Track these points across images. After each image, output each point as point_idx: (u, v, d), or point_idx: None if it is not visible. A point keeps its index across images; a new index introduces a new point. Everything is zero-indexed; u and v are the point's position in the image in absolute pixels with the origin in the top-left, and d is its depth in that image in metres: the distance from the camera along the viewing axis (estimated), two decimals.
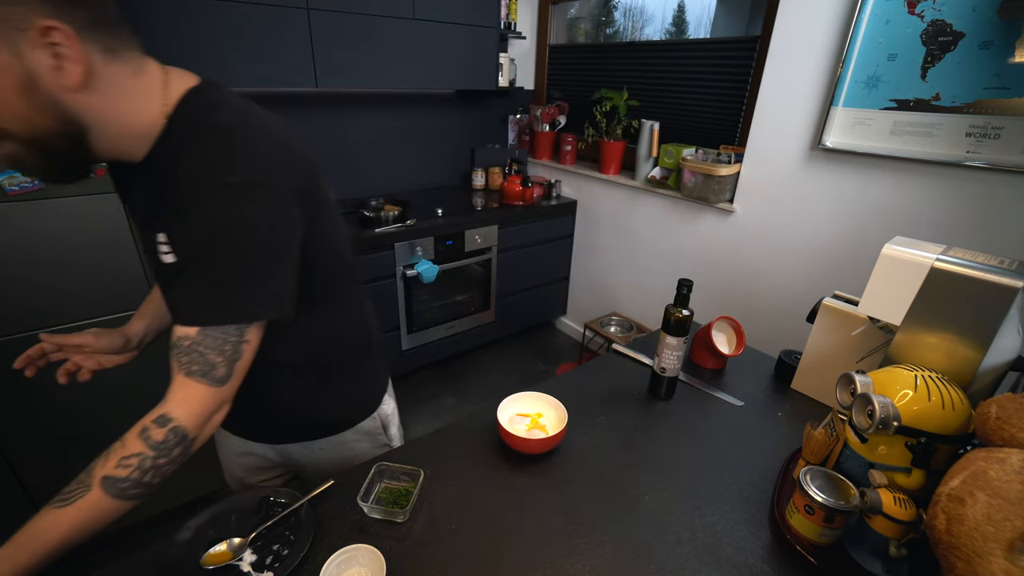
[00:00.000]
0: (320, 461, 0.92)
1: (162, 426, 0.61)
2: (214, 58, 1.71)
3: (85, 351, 0.81)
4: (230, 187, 0.58)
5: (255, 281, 0.62)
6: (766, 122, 1.87)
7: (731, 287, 2.16)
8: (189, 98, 0.64)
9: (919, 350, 0.77)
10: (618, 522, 0.79)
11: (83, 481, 0.60)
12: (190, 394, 0.62)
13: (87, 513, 0.60)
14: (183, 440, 0.62)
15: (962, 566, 0.50)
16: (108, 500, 0.60)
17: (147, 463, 0.60)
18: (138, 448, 0.60)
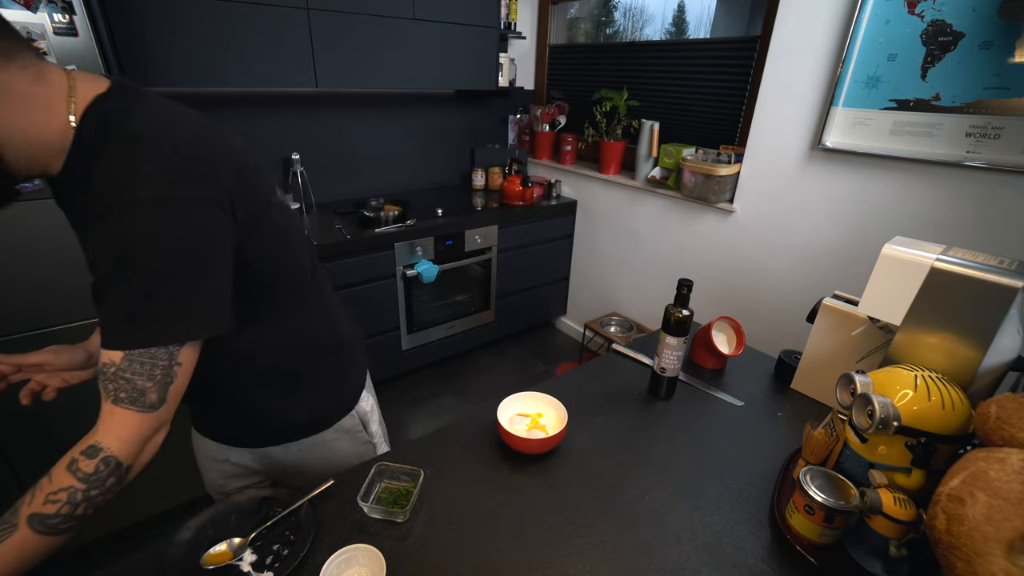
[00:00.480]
0: (301, 462, 0.90)
1: (92, 457, 0.57)
2: (214, 58, 1.71)
3: (46, 369, 0.76)
4: (140, 201, 0.54)
5: (177, 299, 0.58)
6: (766, 122, 1.87)
7: (731, 287, 2.16)
8: (97, 105, 0.58)
9: (919, 350, 0.77)
10: (618, 522, 0.79)
11: (8, 520, 0.56)
12: (120, 422, 0.58)
13: (15, 553, 0.55)
14: (116, 469, 0.58)
15: (962, 566, 0.50)
16: (36, 538, 0.55)
17: (78, 496, 0.56)
18: (67, 482, 0.56)
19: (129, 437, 0.59)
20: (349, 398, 0.94)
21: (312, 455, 0.90)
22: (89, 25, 1.15)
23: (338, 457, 0.92)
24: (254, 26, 1.75)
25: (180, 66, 1.66)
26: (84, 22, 1.14)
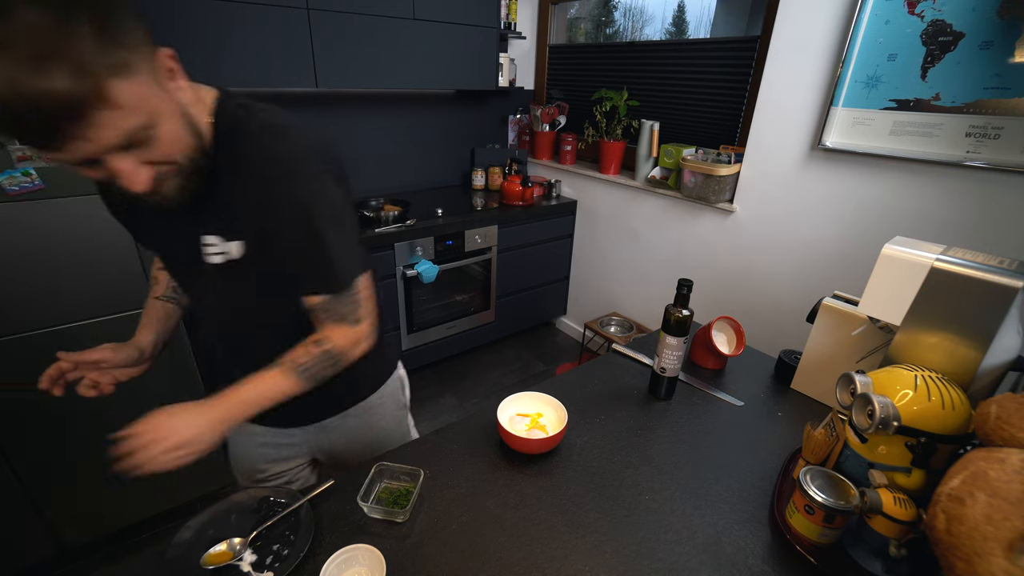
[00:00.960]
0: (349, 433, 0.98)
1: (317, 347, 0.75)
2: (214, 57, 1.71)
3: (102, 367, 0.81)
4: (308, 174, 0.67)
5: (351, 246, 0.74)
6: (766, 122, 1.87)
7: (731, 287, 2.16)
8: (224, 103, 0.67)
9: (919, 350, 0.77)
10: (618, 522, 0.79)
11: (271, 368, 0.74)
12: (337, 333, 0.76)
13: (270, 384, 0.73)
14: (336, 358, 0.76)
15: (962, 566, 0.50)
16: (286, 380, 0.73)
17: (319, 361, 0.75)
18: (304, 352, 0.75)
19: (344, 344, 0.76)
20: (392, 360, 1.05)
21: (360, 424, 0.98)
22: None
23: (382, 423, 1.01)
24: (254, 26, 1.74)
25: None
26: None
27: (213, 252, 0.70)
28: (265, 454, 0.97)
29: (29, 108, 0.47)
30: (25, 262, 1.23)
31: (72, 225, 1.26)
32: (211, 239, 0.70)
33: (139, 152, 0.56)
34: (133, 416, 0.63)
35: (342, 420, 0.96)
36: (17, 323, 1.26)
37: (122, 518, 1.61)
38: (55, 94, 0.46)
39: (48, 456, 1.41)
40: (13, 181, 1.16)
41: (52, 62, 0.46)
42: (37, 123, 0.48)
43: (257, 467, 0.99)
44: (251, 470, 1.00)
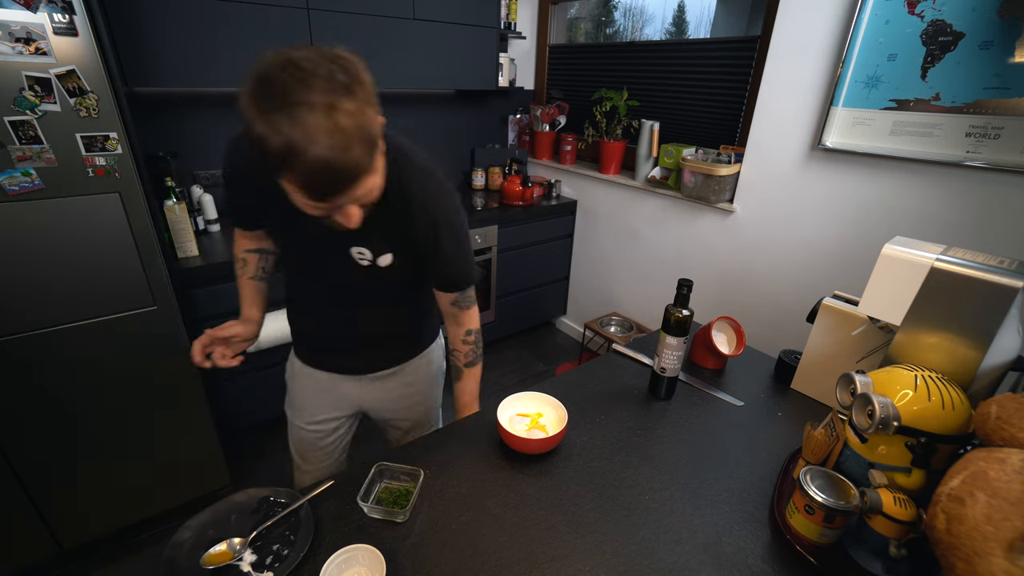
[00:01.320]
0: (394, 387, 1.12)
1: (469, 336, 1.04)
2: (214, 58, 1.70)
3: (232, 343, 0.98)
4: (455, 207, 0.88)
5: (473, 257, 0.98)
6: (766, 122, 1.87)
7: (731, 287, 2.16)
8: (389, 140, 0.79)
9: (919, 350, 0.77)
10: (618, 522, 0.79)
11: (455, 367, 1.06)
12: (469, 316, 1.02)
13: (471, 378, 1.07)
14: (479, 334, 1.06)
15: (962, 566, 0.50)
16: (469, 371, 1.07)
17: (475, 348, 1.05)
18: (465, 348, 1.04)
19: (478, 322, 1.05)
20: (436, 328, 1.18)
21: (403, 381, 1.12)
22: (89, 25, 1.15)
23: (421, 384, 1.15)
24: (254, 26, 1.74)
25: (180, 66, 1.66)
26: (84, 22, 1.14)
27: (361, 258, 0.88)
28: (322, 399, 1.11)
29: (337, 174, 0.60)
30: (25, 262, 1.23)
31: (72, 225, 1.26)
32: (363, 250, 0.87)
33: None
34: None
35: (391, 375, 1.10)
36: (17, 323, 1.26)
37: (122, 518, 1.61)
38: (357, 165, 0.61)
39: (48, 456, 1.41)
40: (13, 181, 1.16)
41: (359, 140, 0.60)
42: (333, 184, 0.62)
43: (312, 410, 1.12)
44: (306, 412, 1.13)
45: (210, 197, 1.94)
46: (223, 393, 1.90)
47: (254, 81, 0.58)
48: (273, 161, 0.59)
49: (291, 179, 0.61)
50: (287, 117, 0.56)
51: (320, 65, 0.58)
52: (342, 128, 0.58)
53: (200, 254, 1.72)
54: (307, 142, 0.57)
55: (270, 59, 0.58)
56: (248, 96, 0.58)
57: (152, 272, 1.41)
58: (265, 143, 0.57)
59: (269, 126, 0.56)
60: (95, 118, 1.21)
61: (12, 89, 1.10)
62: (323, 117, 0.57)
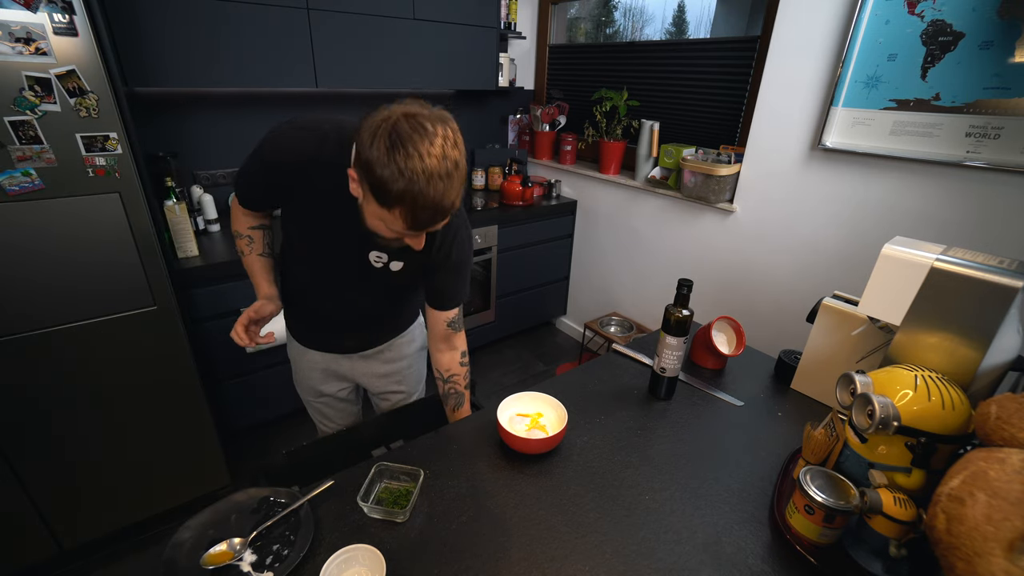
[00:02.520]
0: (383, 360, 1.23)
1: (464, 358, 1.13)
2: (214, 58, 1.70)
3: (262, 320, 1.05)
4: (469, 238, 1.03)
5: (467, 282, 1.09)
6: (766, 122, 1.87)
7: (731, 287, 2.16)
8: None
9: (919, 350, 0.77)
10: (618, 522, 0.79)
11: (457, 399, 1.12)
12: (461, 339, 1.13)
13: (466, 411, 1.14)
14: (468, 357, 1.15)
15: (962, 566, 0.50)
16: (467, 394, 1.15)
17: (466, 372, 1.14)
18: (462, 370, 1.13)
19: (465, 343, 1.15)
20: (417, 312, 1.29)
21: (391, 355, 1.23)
22: (89, 25, 1.15)
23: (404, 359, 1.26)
24: (254, 26, 1.74)
25: (180, 66, 1.66)
26: (84, 22, 1.14)
27: (377, 261, 0.98)
28: (321, 377, 1.23)
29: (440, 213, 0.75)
30: (25, 262, 1.23)
31: (72, 225, 1.26)
32: (381, 255, 0.97)
33: None
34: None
35: (377, 352, 1.21)
36: (17, 323, 1.26)
37: (122, 518, 1.61)
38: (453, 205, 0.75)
39: (48, 456, 1.41)
40: (13, 181, 1.16)
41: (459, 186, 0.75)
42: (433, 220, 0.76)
43: (315, 387, 1.24)
44: (311, 389, 1.25)
45: (210, 197, 1.94)
46: (223, 393, 1.89)
47: (383, 129, 0.69)
48: (393, 196, 0.70)
49: (400, 214, 0.73)
50: (411, 162, 0.68)
51: (437, 124, 0.71)
52: (452, 175, 0.72)
53: (200, 254, 1.72)
54: (426, 185, 0.69)
55: (399, 111, 0.71)
56: (374, 139, 0.69)
57: (152, 272, 1.40)
58: (388, 183, 0.69)
59: (395, 168, 0.68)
60: (95, 118, 1.21)
61: (12, 89, 1.10)
62: (439, 164, 0.70)
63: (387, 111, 0.71)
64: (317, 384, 1.24)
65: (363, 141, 0.71)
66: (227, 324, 1.76)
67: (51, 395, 1.36)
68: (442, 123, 0.72)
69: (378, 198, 0.72)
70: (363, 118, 0.73)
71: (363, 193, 0.76)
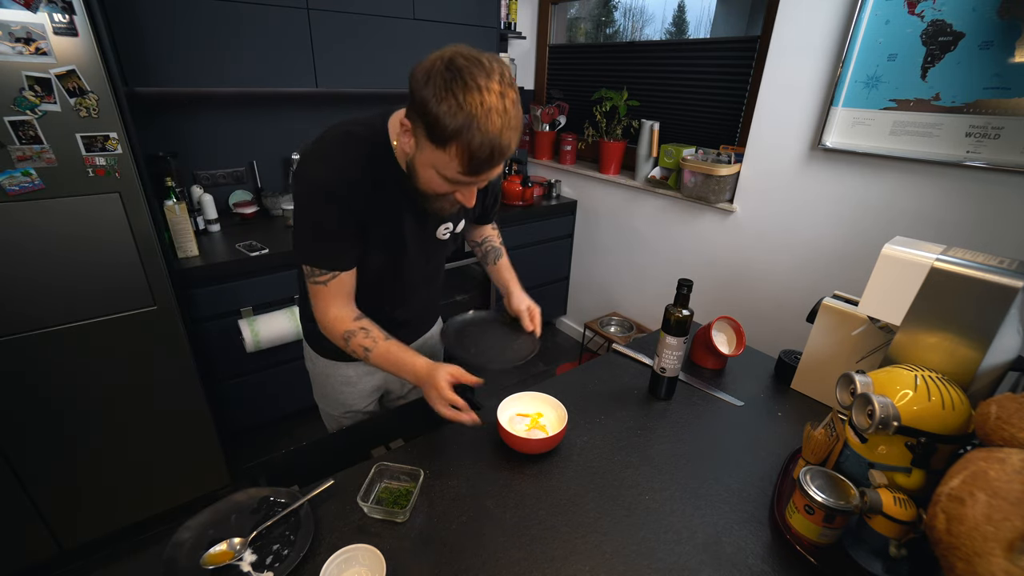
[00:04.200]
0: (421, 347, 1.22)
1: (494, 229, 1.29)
2: (214, 58, 1.70)
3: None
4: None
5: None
6: (766, 122, 1.87)
7: (731, 287, 2.16)
8: None
9: (919, 350, 0.77)
10: (618, 522, 0.79)
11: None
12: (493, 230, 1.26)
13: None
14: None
15: (962, 566, 0.50)
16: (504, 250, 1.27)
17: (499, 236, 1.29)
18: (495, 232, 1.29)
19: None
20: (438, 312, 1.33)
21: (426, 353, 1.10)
22: (89, 25, 1.15)
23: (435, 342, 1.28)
24: (254, 26, 1.74)
25: (180, 66, 1.66)
26: (84, 22, 1.14)
27: (444, 233, 0.99)
28: (353, 393, 1.16)
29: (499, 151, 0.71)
30: (25, 262, 1.23)
31: (72, 225, 1.26)
32: (448, 224, 0.99)
33: None
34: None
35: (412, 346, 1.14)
36: (17, 323, 1.26)
37: (122, 518, 1.61)
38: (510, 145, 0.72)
39: (48, 456, 1.41)
40: (13, 181, 1.16)
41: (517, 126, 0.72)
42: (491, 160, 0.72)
43: (344, 402, 1.17)
44: (338, 404, 1.17)
45: (210, 197, 1.94)
46: (223, 393, 1.89)
47: (438, 65, 0.67)
48: (450, 131, 0.68)
49: (457, 151, 0.70)
50: (471, 95, 0.66)
51: (493, 61, 0.70)
52: (510, 113, 0.69)
53: (200, 254, 1.72)
54: (485, 119, 0.67)
55: (451, 50, 0.69)
56: (429, 76, 0.67)
57: (152, 272, 1.41)
58: (445, 118, 0.67)
59: (453, 101, 0.66)
60: (95, 118, 1.21)
61: (12, 89, 1.10)
62: (498, 100, 0.68)
63: (438, 53, 0.69)
64: (349, 400, 1.16)
65: (418, 80, 0.69)
66: (227, 324, 1.78)
67: (51, 395, 1.36)
68: (498, 62, 0.71)
69: (433, 137, 0.70)
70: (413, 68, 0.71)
71: (416, 141, 0.74)
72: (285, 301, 1.89)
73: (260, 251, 1.77)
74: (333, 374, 1.13)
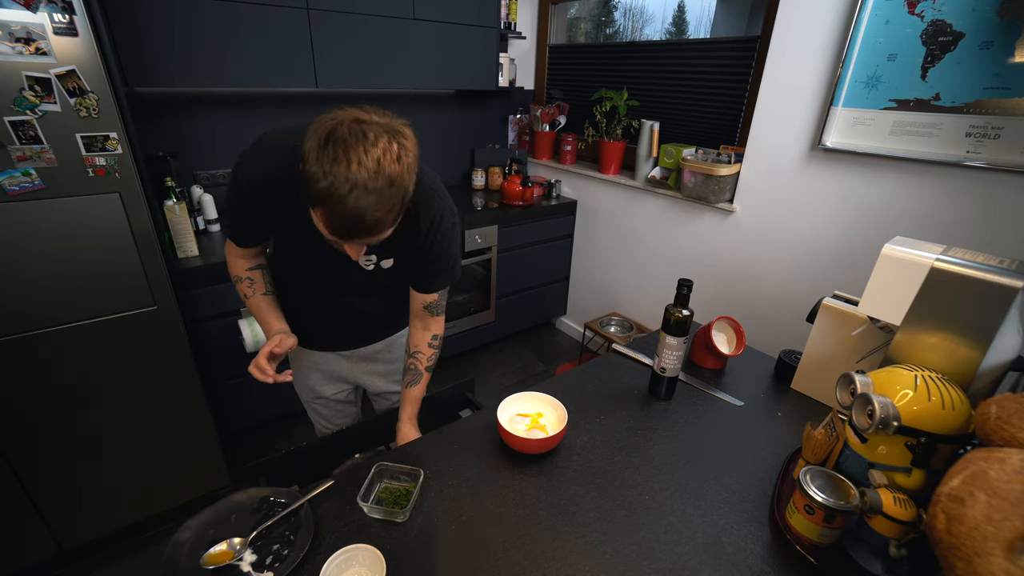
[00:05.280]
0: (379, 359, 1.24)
1: (435, 340, 1.11)
2: (214, 58, 1.70)
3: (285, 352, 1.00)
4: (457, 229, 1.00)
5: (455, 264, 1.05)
6: (766, 122, 1.87)
7: (731, 287, 2.16)
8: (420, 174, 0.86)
9: (919, 350, 0.77)
10: (618, 522, 0.79)
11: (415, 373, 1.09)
12: (438, 323, 1.10)
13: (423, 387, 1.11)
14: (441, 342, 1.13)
15: (962, 566, 0.50)
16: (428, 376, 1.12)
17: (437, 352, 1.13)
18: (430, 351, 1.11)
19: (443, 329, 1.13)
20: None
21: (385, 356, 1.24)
22: (89, 25, 1.15)
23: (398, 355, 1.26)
24: (254, 26, 1.74)
25: (180, 66, 1.66)
26: (84, 22, 1.14)
27: (368, 264, 0.99)
28: (319, 377, 1.22)
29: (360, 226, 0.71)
30: (25, 262, 1.23)
31: (72, 225, 1.26)
32: (371, 258, 0.98)
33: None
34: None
35: (377, 351, 1.23)
36: (17, 323, 1.26)
37: (122, 518, 1.61)
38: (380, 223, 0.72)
39: (48, 456, 1.41)
40: (13, 181, 1.16)
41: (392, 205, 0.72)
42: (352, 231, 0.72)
43: (315, 388, 1.24)
44: (309, 390, 1.25)
45: (210, 197, 1.94)
46: (223, 393, 1.89)
47: (324, 127, 0.68)
48: (313, 196, 0.69)
49: (320, 215, 0.71)
50: (339, 165, 0.66)
51: (383, 134, 0.70)
52: (381, 191, 0.69)
53: (200, 254, 1.72)
54: (347, 194, 0.67)
55: (344, 114, 0.69)
56: (314, 136, 0.68)
57: (152, 272, 1.41)
58: (313, 180, 0.67)
59: (321, 168, 0.66)
60: (95, 118, 1.21)
61: (12, 89, 1.10)
62: (368, 178, 0.67)
63: (343, 111, 0.70)
64: (316, 385, 1.24)
65: (308, 133, 0.69)
66: (227, 324, 1.78)
67: (51, 395, 1.36)
68: (390, 135, 0.71)
69: (307, 195, 0.70)
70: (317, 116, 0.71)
71: None
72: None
73: None
74: (302, 359, 1.20)
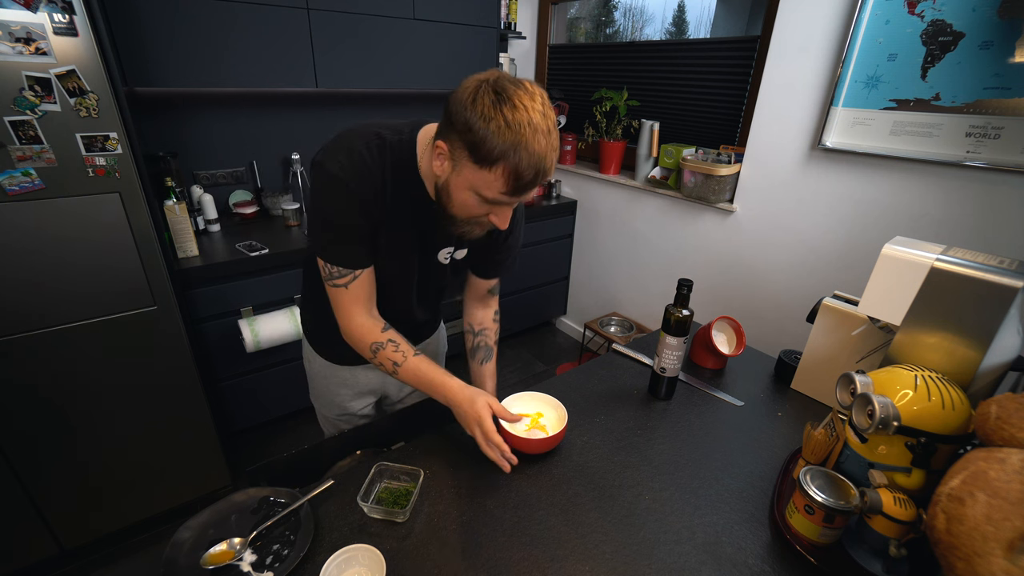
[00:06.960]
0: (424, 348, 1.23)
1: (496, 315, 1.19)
2: (214, 58, 1.70)
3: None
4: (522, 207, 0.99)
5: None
6: (766, 122, 1.87)
7: (731, 287, 2.16)
8: None
9: (919, 350, 0.77)
10: (618, 522, 0.79)
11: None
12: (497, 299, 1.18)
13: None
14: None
15: (962, 566, 0.50)
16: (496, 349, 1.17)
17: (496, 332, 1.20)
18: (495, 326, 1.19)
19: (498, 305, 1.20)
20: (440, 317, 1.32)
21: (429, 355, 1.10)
22: (89, 25, 1.15)
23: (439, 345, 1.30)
24: (254, 26, 1.74)
25: (180, 66, 1.66)
26: (84, 22, 1.14)
27: (444, 258, 0.97)
28: (350, 396, 1.16)
29: (543, 169, 0.71)
30: (25, 262, 1.23)
31: (72, 225, 1.26)
32: (448, 250, 0.96)
33: None
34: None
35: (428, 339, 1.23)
36: (17, 323, 1.26)
37: (122, 518, 1.61)
38: (552, 165, 0.73)
39: (48, 456, 1.41)
40: (13, 181, 1.16)
41: (557, 147, 0.73)
42: (535, 179, 0.72)
43: (342, 405, 1.17)
44: (334, 406, 1.17)
45: (210, 197, 1.94)
46: (223, 393, 1.90)
47: (484, 87, 0.69)
48: (496, 154, 0.68)
49: (501, 171, 0.70)
50: (519, 115, 0.67)
51: (535, 85, 0.72)
52: (551, 134, 0.71)
53: (200, 254, 1.72)
54: (532, 138, 0.68)
55: (490, 74, 0.71)
56: (476, 97, 0.68)
57: (152, 272, 1.41)
58: (493, 138, 0.67)
59: (502, 121, 0.67)
60: (95, 118, 1.21)
61: (12, 89, 1.11)
62: (542, 121, 0.69)
63: (478, 77, 0.71)
64: (345, 402, 1.17)
65: (460, 102, 0.69)
66: (227, 324, 1.78)
67: (51, 395, 1.36)
68: (539, 86, 0.72)
69: (478, 158, 0.69)
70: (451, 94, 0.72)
71: (453, 163, 0.73)
72: (285, 301, 1.89)
73: (260, 251, 1.77)
74: (331, 376, 1.14)
